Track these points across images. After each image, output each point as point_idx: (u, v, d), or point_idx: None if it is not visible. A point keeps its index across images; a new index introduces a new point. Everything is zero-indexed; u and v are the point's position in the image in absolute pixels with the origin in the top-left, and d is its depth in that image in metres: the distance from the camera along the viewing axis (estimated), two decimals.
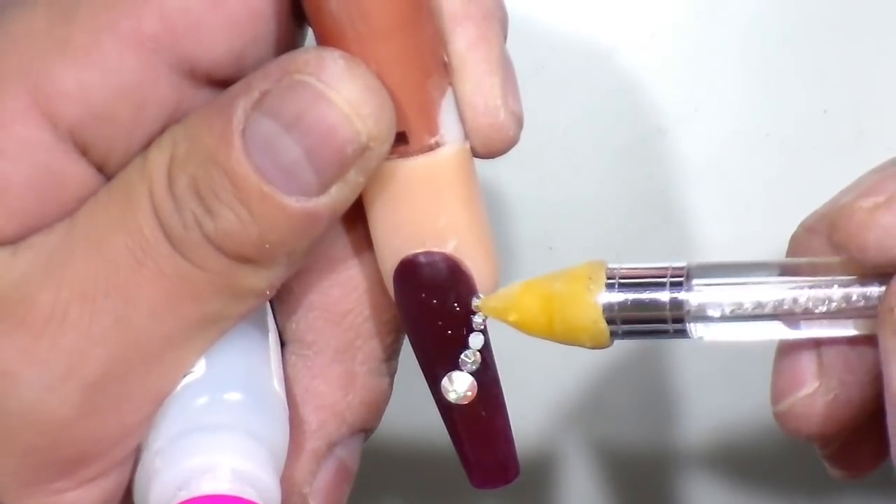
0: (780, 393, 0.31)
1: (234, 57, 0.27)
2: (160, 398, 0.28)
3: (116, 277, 0.27)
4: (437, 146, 0.28)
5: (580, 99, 0.49)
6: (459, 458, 0.30)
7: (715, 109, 0.49)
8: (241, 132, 0.26)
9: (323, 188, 0.26)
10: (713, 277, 0.29)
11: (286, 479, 0.29)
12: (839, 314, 0.29)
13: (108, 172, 0.28)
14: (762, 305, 0.29)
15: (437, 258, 0.28)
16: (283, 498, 0.28)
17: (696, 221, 0.49)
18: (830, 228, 0.28)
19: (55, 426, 0.27)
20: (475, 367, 0.29)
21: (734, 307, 0.29)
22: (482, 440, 0.29)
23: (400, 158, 0.28)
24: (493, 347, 0.29)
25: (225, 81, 0.27)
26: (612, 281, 0.29)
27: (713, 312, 0.29)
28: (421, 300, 0.28)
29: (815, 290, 0.29)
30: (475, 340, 0.29)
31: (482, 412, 0.29)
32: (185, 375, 0.28)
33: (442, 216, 0.28)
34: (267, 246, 0.26)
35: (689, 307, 0.29)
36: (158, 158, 0.27)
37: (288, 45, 0.28)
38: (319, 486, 0.30)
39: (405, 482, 0.51)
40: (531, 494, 0.51)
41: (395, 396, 0.32)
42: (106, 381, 0.27)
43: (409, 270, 0.28)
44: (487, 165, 0.29)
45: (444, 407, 0.29)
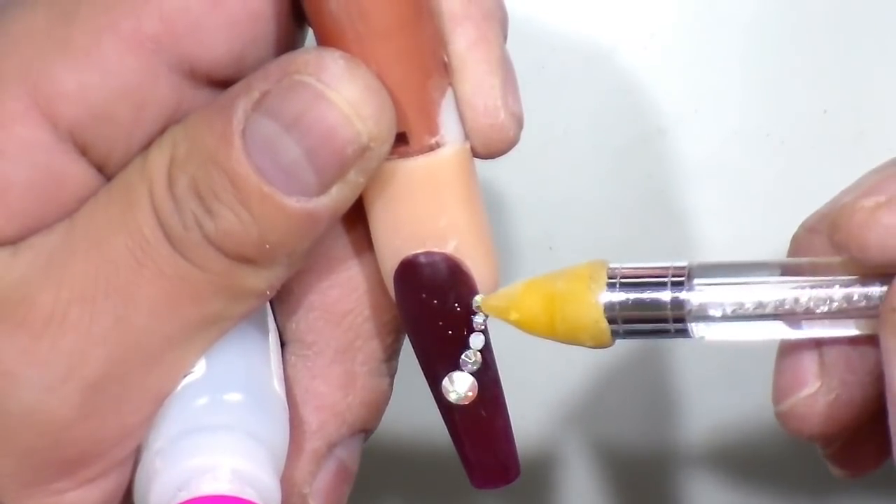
0: (781, 393, 0.31)
1: (233, 57, 0.27)
2: (160, 398, 0.28)
3: (117, 278, 0.27)
4: (437, 146, 0.28)
5: (580, 99, 0.49)
6: (460, 458, 0.30)
7: (715, 110, 0.48)
8: (241, 132, 0.26)
9: (323, 188, 0.26)
10: (714, 277, 0.29)
11: (286, 479, 0.29)
12: (840, 314, 0.29)
13: (108, 173, 0.28)
14: (763, 305, 0.29)
15: (437, 258, 0.28)
16: (283, 498, 0.28)
17: (696, 221, 0.49)
18: (831, 228, 0.28)
19: (55, 427, 0.27)
20: (476, 367, 0.29)
21: (735, 307, 0.29)
22: (483, 440, 0.29)
23: (400, 159, 0.28)
24: (493, 348, 0.29)
25: (225, 82, 0.27)
26: (613, 281, 0.29)
27: (714, 312, 0.29)
28: (421, 300, 0.28)
29: (816, 290, 0.29)
30: (476, 341, 0.29)
31: (483, 412, 0.29)
32: (185, 376, 0.28)
33: (442, 216, 0.28)
34: (267, 246, 0.26)
35: (690, 307, 0.29)
36: (158, 159, 0.27)
37: (288, 45, 0.28)
38: (319, 486, 0.30)
39: (405, 482, 0.51)
40: (531, 494, 0.51)
41: (395, 396, 0.32)
42: (106, 381, 0.27)
43: (409, 271, 0.28)
44: (487, 165, 0.29)
45: (444, 407, 0.29)
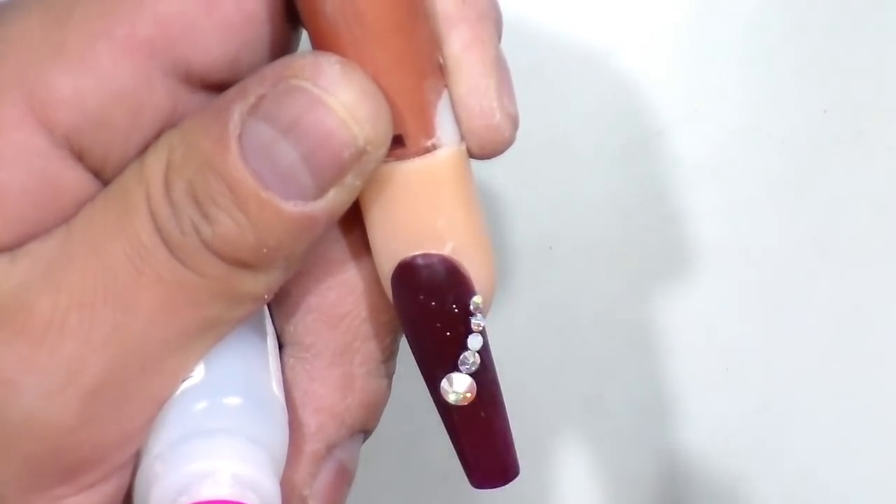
0: None
1: (229, 60, 0.27)
2: (160, 403, 0.28)
3: (115, 284, 0.27)
4: (433, 148, 0.28)
5: (580, 99, 0.49)
6: (459, 458, 0.30)
7: (715, 110, 0.49)
8: (237, 137, 0.26)
9: (320, 192, 0.26)
10: None
11: (286, 482, 0.29)
12: None
13: (104, 178, 0.28)
14: None
15: (434, 260, 0.28)
16: (283, 501, 0.27)
17: (695, 221, 0.49)
18: None
19: (55, 433, 0.27)
20: (474, 368, 0.29)
21: None
22: (482, 441, 0.29)
23: (397, 161, 0.28)
24: (491, 349, 0.29)
25: (221, 85, 0.27)
26: None
27: None
28: (419, 302, 0.28)
29: None
30: (474, 342, 0.29)
31: (481, 413, 0.29)
32: (184, 380, 0.28)
33: (439, 218, 0.28)
34: (265, 250, 0.26)
35: None
36: (155, 164, 0.27)
37: (283, 48, 0.28)
38: (319, 488, 0.30)
39: (404, 482, 0.51)
40: (531, 494, 0.51)
41: (392, 397, 0.32)
42: (105, 387, 0.27)
43: (406, 273, 0.28)
44: (487, 166, 0.29)
45: (443, 408, 0.29)
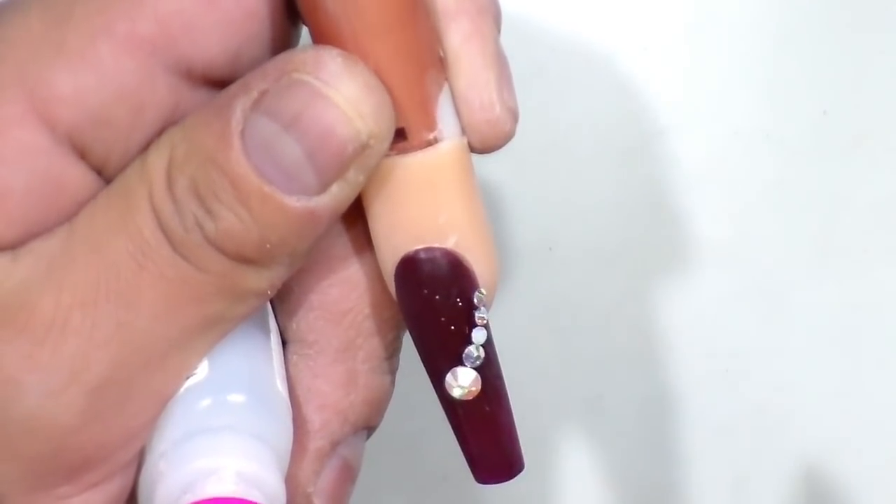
0: None
1: (229, 57, 0.27)
2: (164, 401, 0.28)
3: (118, 282, 0.27)
4: (435, 142, 0.28)
5: (581, 100, 0.49)
6: (463, 453, 0.30)
7: (715, 111, 0.49)
8: (239, 133, 0.26)
9: (323, 187, 0.26)
10: None
11: (290, 479, 0.29)
12: None
13: (107, 176, 0.28)
14: None
15: (438, 254, 0.28)
16: (287, 498, 0.27)
17: (695, 222, 0.49)
18: None
19: (59, 432, 0.27)
20: (479, 362, 0.29)
21: None
22: (486, 435, 0.29)
23: (399, 155, 0.28)
24: (495, 343, 0.29)
25: (222, 82, 0.27)
26: None
27: None
28: (423, 296, 0.28)
29: None
30: (478, 335, 0.28)
31: (486, 407, 0.29)
32: (188, 377, 0.28)
33: (442, 212, 0.28)
34: (268, 246, 0.26)
35: None
36: (157, 161, 0.27)
37: (283, 43, 0.28)
38: (323, 485, 0.30)
39: (404, 482, 0.51)
40: (531, 494, 0.51)
41: (394, 396, 0.32)
42: (109, 385, 0.27)
43: (410, 267, 0.28)
44: (487, 167, 0.29)
45: (447, 403, 0.29)
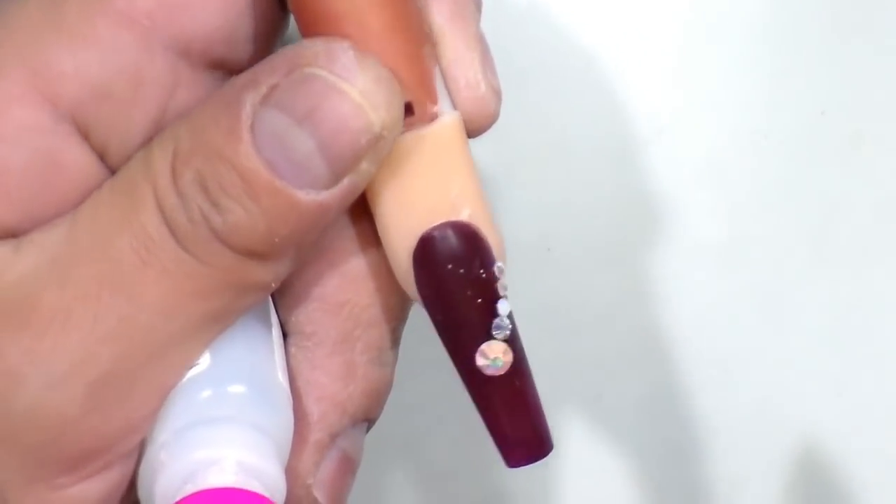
0: None
1: (227, 34, 0.27)
2: (165, 393, 0.28)
3: (121, 277, 0.27)
4: (437, 115, 0.28)
5: (578, 100, 0.49)
6: (493, 436, 0.29)
7: (713, 111, 0.49)
8: (249, 127, 0.26)
9: (334, 181, 0.26)
10: None
11: (290, 470, 0.29)
12: None
13: (108, 159, 0.28)
14: None
15: (456, 228, 0.28)
16: (287, 490, 0.27)
17: (693, 222, 0.49)
18: None
19: (59, 424, 0.27)
20: (508, 331, 0.28)
21: None
22: (517, 412, 0.29)
23: (406, 131, 0.28)
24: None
25: (220, 63, 0.28)
26: None
27: None
28: (447, 273, 0.28)
29: None
30: (503, 306, 0.28)
31: (516, 382, 0.29)
32: (189, 369, 0.28)
33: (453, 185, 0.28)
34: (276, 240, 0.26)
35: None
36: (161, 155, 0.27)
37: (280, 23, 0.28)
38: (323, 477, 0.30)
39: (404, 482, 0.51)
40: (531, 494, 0.51)
41: (393, 396, 0.32)
42: (110, 379, 0.27)
43: (430, 246, 0.28)
44: (487, 166, 0.29)
45: (477, 384, 0.29)
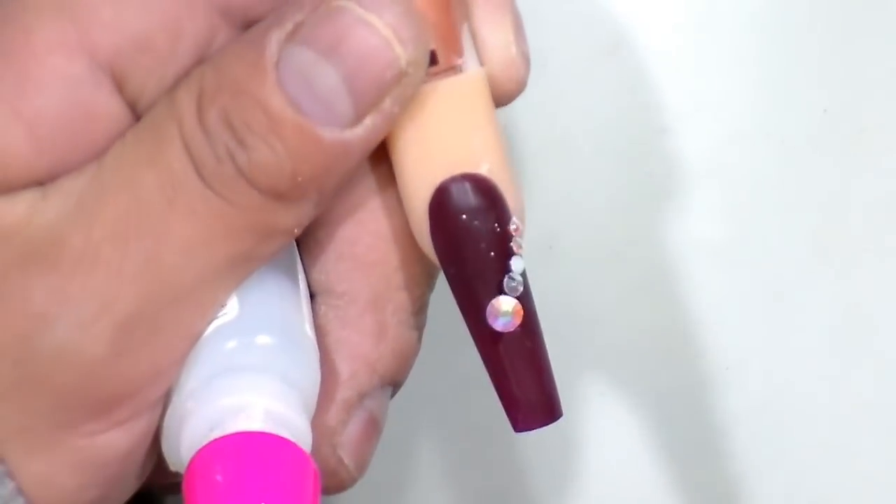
0: None
1: None
2: (191, 338, 0.28)
3: (147, 216, 0.26)
4: (462, 67, 0.28)
5: (580, 98, 0.49)
6: (502, 398, 0.29)
7: (715, 109, 0.49)
8: (274, 64, 0.26)
9: (358, 118, 0.26)
10: None
11: (316, 427, 0.28)
12: None
13: (139, 111, 0.28)
14: None
15: (474, 180, 0.28)
16: (313, 448, 0.27)
17: (696, 221, 0.49)
18: None
19: (87, 366, 0.27)
20: (520, 289, 0.28)
21: None
22: (528, 374, 0.29)
23: (429, 80, 0.28)
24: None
25: (258, 21, 0.27)
26: None
27: None
28: (461, 224, 0.28)
29: None
30: (517, 264, 0.28)
31: (527, 343, 0.29)
32: (217, 317, 0.28)
33: (474, 138, 0.28)
34: (299, 179, 0.26)
35: None
36: (186, 94, 0.27)
37: None
38: (350, 437, 0.30)
39: (404, 482, 0.51)
40: (530, 494, 0.50)
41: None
42: (137, 319, 0.27)
43: (446, 195, 0.28)
44: None
45: (487, 342, 0.29)
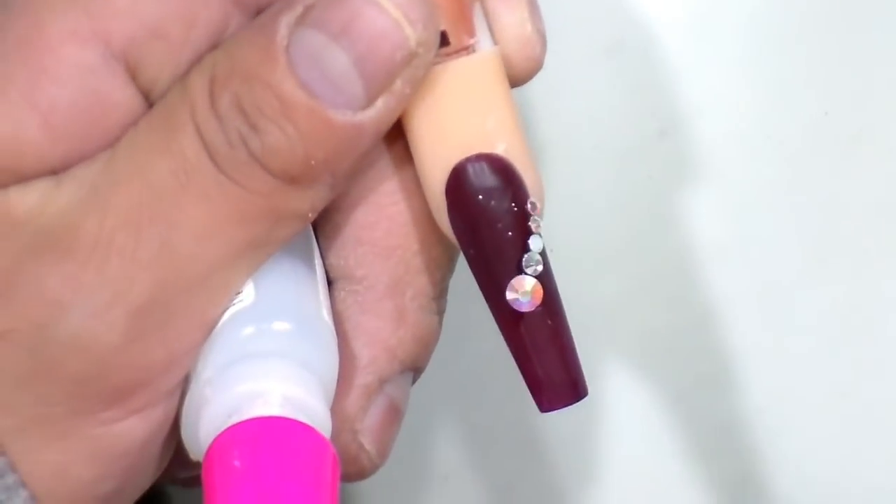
0: None
1: None
2: (206, 325, 0.27)
3: (161, 202, 0.26)
4: (475, 47, 0.28)
5: (580, 100, 0.49)
6: (526, 379, 0.29)
7: (715, 111, 0.49)
8: (285, 47, 0.26)
9: (370, 100, 0.26)
10: None
11: (337, 414, 0.28)
12: None
13: (153, 98, 0.27)
14: None
15: (489, 160, 0.28)
16: (333, 434, 0.27)
17: (696, 223, 0.49)
18: None
19: (103, 353, 0.26)
20: (539, 268, 0.28)
21: None
22: (551, 352, 0.29)
23: (441, 62, 0.28)
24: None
25: None
26: None
27: None
28: (478, 204, 0.28)
29: None
30: (535, 242, 0.28)
31: (549, 321, 0.28)
32: (233, 304, 0.27)
33: (489, 118, 0.28)
34: (312, 163, 0.26)
35: None
36: (199, 80, 0.27)
37: None
38: (370, 423, 0.29)
39: (404, 482, 0.51)
40: (530, 494, 0.50)
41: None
42: (152, 306, 0.27)
43: (462, 176, 0.28)
44: None
45: (509, 323, 0.28)
